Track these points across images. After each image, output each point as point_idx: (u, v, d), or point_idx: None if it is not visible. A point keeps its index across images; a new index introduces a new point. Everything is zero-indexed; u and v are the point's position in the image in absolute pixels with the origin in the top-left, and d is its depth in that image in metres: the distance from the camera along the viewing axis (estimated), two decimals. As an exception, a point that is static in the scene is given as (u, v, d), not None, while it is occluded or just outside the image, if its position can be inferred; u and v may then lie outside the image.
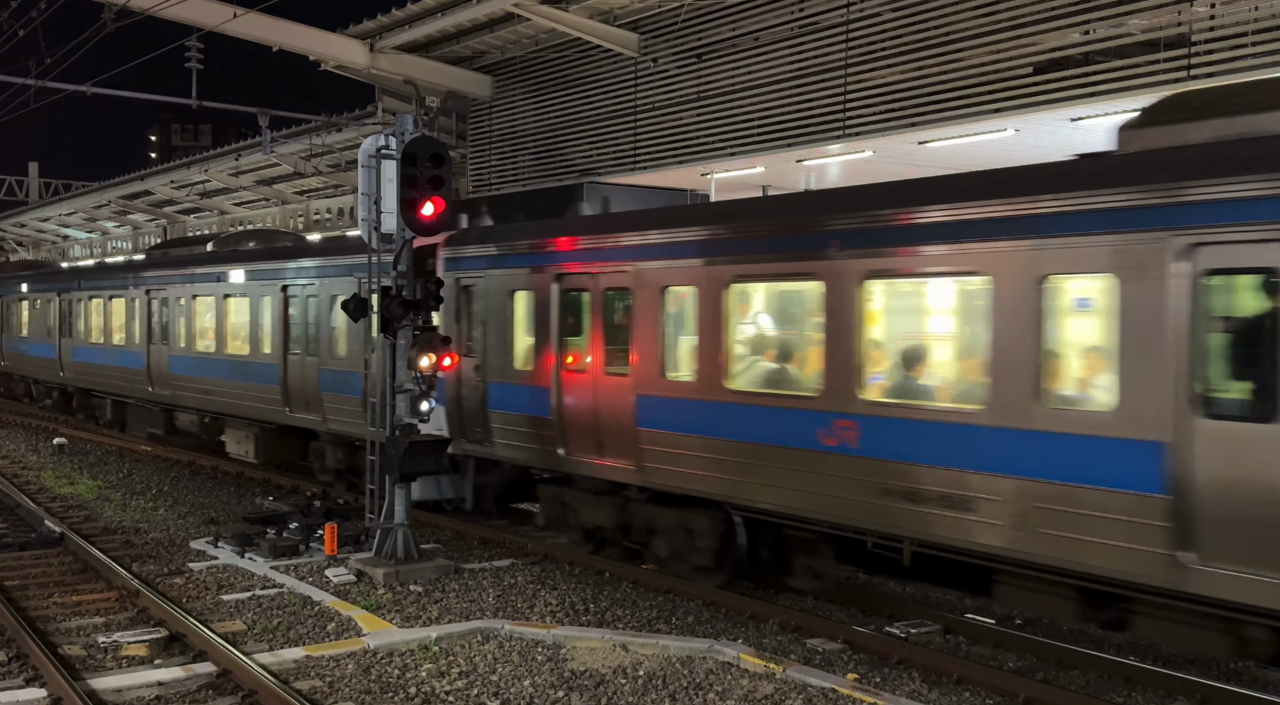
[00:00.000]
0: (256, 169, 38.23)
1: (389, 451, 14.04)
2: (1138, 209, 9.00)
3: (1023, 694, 9.79)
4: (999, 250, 9.93)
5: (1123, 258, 9.06)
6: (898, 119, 18.36)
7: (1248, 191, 8.38)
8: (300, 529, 15.55)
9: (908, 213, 10.82)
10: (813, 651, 11.09)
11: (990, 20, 17.05)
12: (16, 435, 28.95)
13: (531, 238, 15.61)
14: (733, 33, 21.16)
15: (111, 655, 10.71)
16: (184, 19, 22.70)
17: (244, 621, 11.89)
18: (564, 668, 10.53)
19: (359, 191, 14.08)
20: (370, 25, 25.31)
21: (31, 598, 12.71)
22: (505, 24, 24.65)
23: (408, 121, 14.31)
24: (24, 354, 36.23)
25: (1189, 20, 14.88)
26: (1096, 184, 9.36)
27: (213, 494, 20.06)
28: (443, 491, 17.46)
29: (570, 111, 25.01)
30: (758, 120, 20.75)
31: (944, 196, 10.59)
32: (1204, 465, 8.54)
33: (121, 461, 24.05)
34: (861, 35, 18.92)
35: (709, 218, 13.73)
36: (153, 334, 25.98)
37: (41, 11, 20.57)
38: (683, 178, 23.40)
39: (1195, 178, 8.69)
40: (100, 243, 59.94)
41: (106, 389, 29.17)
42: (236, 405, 22.40)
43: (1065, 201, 9.49)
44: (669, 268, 13.30)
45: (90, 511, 18.11)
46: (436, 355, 14.00)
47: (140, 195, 47.92)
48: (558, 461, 14.85)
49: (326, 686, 9.94)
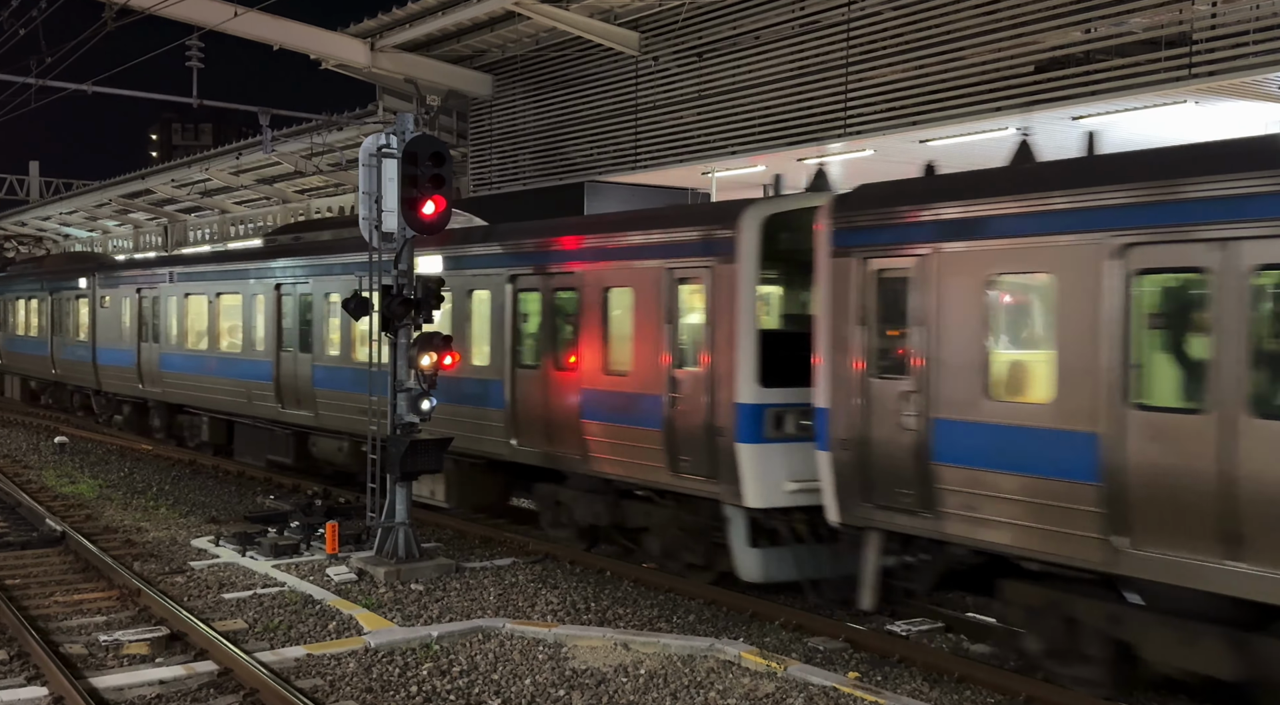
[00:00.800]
0: (257, 168, 38.25)
1: (390, 450, 14.04)
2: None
3: (1024, 693, 9.78)
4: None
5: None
6: (899, 117, 18.38)
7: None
8: (301, 528, 15.55)
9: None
10: (814, 650, 11.09)
11: (991, 19, 17.05)
12: (18, 434, 28.96)
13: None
14: (733, 31, 21.17)
15: (113, 654, 10.70)
16: (185, 18, 22.74)
17: (245, 620, 11.89)
18: (565, 666, 10.53)
19: (360, 190, 14.07)
20: (371, 24, 25.33)
21: (33, 596, 12.71)
22: (506, 23, 24.68)
23: (408, 120, 14.31)
24: (80, 361, 30.94)
25: (1190, 19, 14.88)
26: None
27: (214, 493, 20.06)
28: (805, 570, 12.63)
29: (571, 110, 25.01)
30: (759, 119, 20.76)
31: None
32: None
33: (123, 460, 24.06)
34: (862, 34, 18.93)
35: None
36: (284, 339, 21.04)
37: (42, 10, 20.60)
38: (683, 177, 23.43)
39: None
40: (101, 241, 59.98)
41: (208, 406, 23.97)
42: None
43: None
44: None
45: (91, 510, 18.12)
46: (438, 354, 14.01)
47: (141, 194, 47.94)
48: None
49: (328, 685, 9.94)
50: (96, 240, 60.03)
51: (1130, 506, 8.82)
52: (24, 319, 36.71)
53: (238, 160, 37.50)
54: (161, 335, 25.78)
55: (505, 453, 15.75)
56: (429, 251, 16.75)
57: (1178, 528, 8.55)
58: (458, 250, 16.76)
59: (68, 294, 32.15)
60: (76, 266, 32.96)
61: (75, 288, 31.57)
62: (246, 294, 22.37)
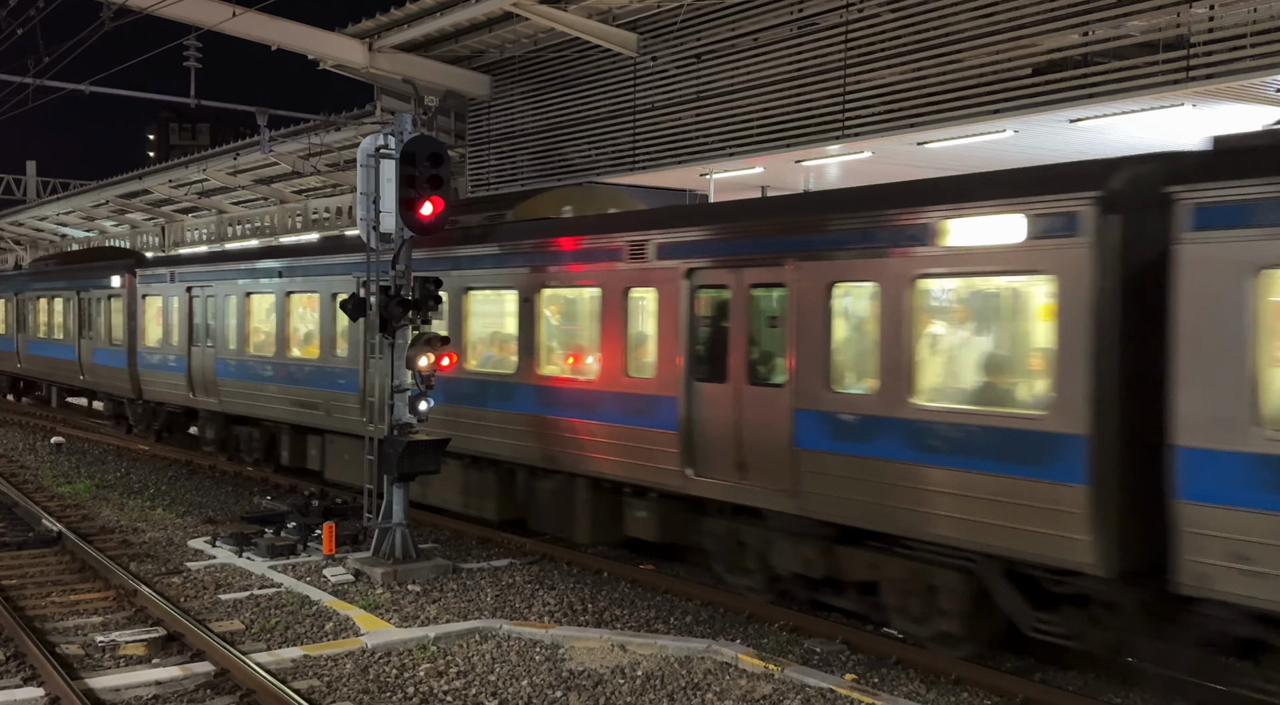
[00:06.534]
0: (255, 168, 38.21)
1: (387, 451, 14.03)
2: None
3: (1021, 694, 9.80)
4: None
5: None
6: (897, 120, 18.38)
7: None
8: (298, 528, 15.54)
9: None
10: (811, 651, 11.10)
11: (989, 21, 17.05)
12: (14, 434, 28.92)
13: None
14: (732, 33, 21.17)
15: (109, 654, 10.70)
16: (183, 18, 22.70)
17: (242, 621, 11.88)
18: (562, 667, 10.53)
19: (358, 191, 14.09)
20: (369, 24, 25.31)
21: (29, 597, 12.70)
22: (504, 23, 24.66)
23: (406, 121, 14.32)
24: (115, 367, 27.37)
25: (1188, 22, 14.88)
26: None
27: (210, 493, 20.04)
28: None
29: (569, 111, 25.01)
30: (757, 121, 20.76)
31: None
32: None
33: (119, 461, 24.03)
34: (861, 36, 18.93)
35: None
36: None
37: (40, 10, 20.57)
38: (682, 178, 23.42)
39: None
40: (99, 241, 59.89)
41: (277, 416, 20.80)
42: (615, 464, 13.96)
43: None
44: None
45: (88, 510, 18.10)
46: (435, 355, 14.01)
47: (138, 194, 47.90)
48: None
49: (324, 686, 9.94)
50: (94, 240, 59.93)
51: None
52: (48, 319, 33.27)
53: (235, 160, 37.46)
54: (219, 338, 22.65)
55: (674, 483, 12.98)
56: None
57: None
58: (601, 241, 14.22)
59: (97, 294, 28.81)
60: (113, 263, 29.10)
61: (108, 286, 27.97)
62: (325, 293, 19.18)
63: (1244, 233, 8.25)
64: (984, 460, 9.90)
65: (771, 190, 16.16)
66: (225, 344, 22.35)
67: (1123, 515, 9.16)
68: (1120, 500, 9.16)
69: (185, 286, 24.08)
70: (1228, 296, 8.34)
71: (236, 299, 22.03)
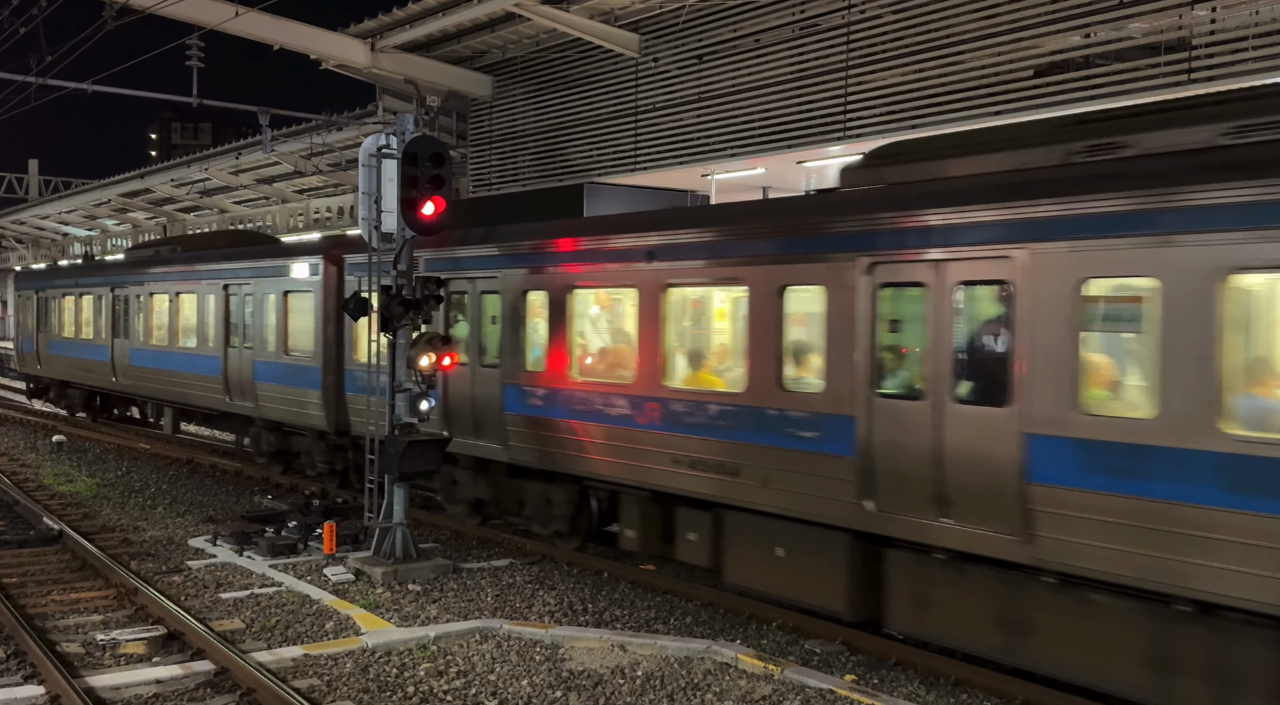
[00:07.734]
0: (257, 167, 38.26)
1: (388, 451, 14.05)
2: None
3: (1020, 696, 9.80)
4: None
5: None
6: (898, 121, 18.38)
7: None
8: (299, 528, 15.55)
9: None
10: (811, 652, 11.10)
11: (991, 23, 17.07)
12: (15, 432, 28.95)
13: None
14: (734, 34, 21.18)
15: (109, 653, 10.71)
16: (185, 17, 22.73)
17: (242, 620, 11.89)
18: (562, 668, 10.53)
19: (359, 191, 14.10)
20: (371, 24, 25.34)
21: (30, 595, 12.71)
22: (506, 24, 24.69)
23: (408, 121, 14.34)
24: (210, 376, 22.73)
25: (1189, 24, 14.90)
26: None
27: (211, 492, 20.05)
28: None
29: (571, 112, 25.02)
30: (758, 121, 20.77)
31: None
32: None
33: (120, 459, 24.05)
34: (862, 37, 18.95)
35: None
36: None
37: (42, 9, 20.60)
38: (683, 179, 23.43)
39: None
40: (100, 240, 59.93)
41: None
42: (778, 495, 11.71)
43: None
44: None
45: (88, 509, 18.11)
46: (436, 355, 14.01)
47: (140, 193, 47.94)
48: None
49: (324, 685, 9.94)
50: (95, 239, 59.98)
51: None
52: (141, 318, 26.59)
53: (237, 160, 37.51)
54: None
55: (847, 517, 10.87)
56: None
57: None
58: (747, 227, 12.22)
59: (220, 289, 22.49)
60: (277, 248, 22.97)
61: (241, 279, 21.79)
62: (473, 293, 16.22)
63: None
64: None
65: (773, 191, 16.18)
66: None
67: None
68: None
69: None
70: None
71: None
